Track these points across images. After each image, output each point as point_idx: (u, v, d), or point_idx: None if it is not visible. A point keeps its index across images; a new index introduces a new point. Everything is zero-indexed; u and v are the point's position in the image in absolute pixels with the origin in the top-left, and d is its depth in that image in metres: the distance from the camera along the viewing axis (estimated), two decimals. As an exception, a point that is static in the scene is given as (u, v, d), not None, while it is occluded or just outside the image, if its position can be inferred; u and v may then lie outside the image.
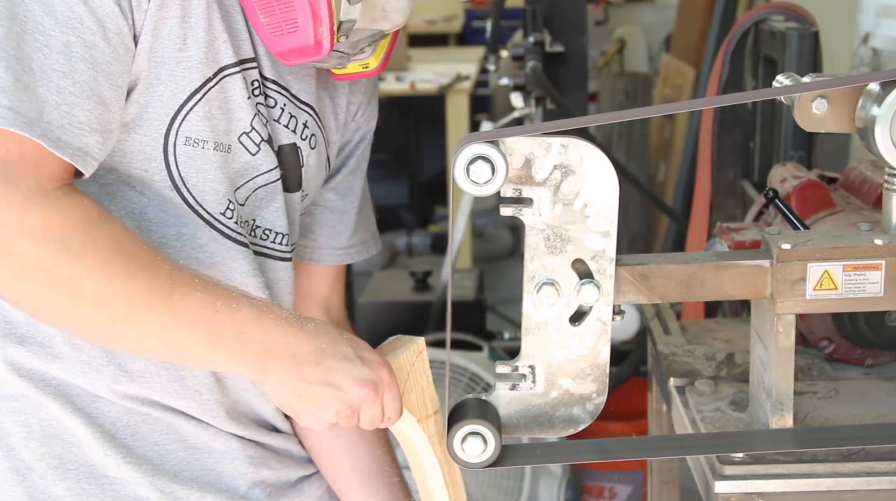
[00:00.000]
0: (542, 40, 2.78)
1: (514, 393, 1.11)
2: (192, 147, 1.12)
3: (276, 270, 1.24)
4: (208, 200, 1.15)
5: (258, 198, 1.20)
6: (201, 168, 1.14)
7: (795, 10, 2.01)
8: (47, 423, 1.15)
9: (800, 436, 1.16)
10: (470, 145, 1.00)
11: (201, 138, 1.13)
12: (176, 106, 1.11)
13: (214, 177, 1.15)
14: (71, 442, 1.16)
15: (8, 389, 1.15)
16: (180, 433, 1.19)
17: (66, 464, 1.16)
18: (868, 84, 1.11)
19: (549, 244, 1.07)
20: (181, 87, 1.10)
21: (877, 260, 1.11)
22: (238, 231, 1.18)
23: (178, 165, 1.13)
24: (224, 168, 1.15)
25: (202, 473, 1.20)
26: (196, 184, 1.14)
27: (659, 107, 1.11)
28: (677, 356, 1.43)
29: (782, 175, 1.56)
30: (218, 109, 1.14)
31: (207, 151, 1.13)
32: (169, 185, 1.13)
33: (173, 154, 1.12)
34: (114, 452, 1.16)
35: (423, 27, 6.59)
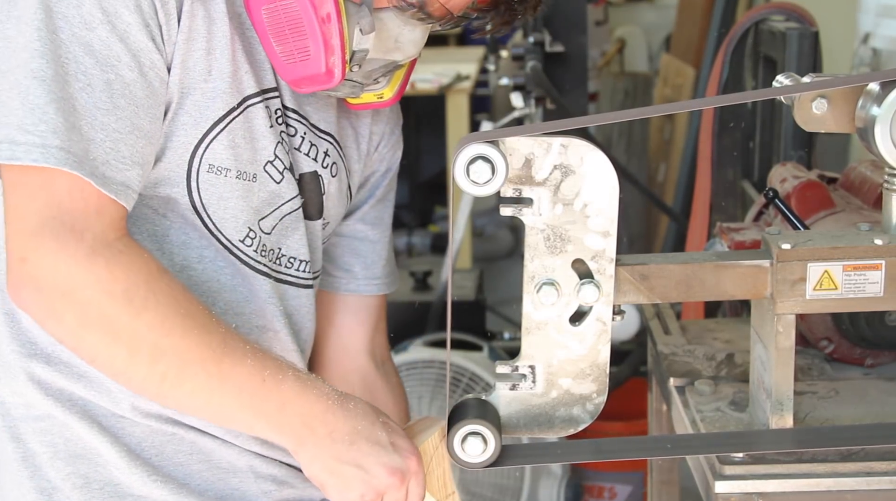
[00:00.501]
0: (542, 40, 2.78)
1: (514, 393, 1.11)
2: (214, 174, 1.14)
3: (298, 298, 1.26)
4: (228, 227, 1.17)
5: (284, 227, 1.22)
6: (223, 195, 1.15)
7: (795, 10, 2.01)
8: (73, 443, 1.16)
9: (800, 436, 1.16)
10: (470, 145, 1.00)
11: (224, 166, 1.14)
12: (200, 134, 1.13)
13: (236, 205, 1.16)
14: (96, 462, 1.16)
15: (34, 410, 1.16)
16: (204, 452, 1.19)
17: (92, 484, 1.16)
18: (868, 84, 1.11)
19: (549, 244, 1.07)
20: (206, 117, 1.12)
21: (877, 260, 1.11)
22: (257, 259, 1.19)
23: (201, 191, 1.14)
24: (246, 197, 1.17)
25: (227, 492, 1.20)
26: (217, 211, 1.16)
27: (659, 107, 1.11)
28: (677, 356, 1.43)
29: (782, 175, 1.56)
30: (242, 139, 1.15)
31: (230, 180, 1.15)
32: (191, 209, 1.14)
33: (196, 180, 1.14)
34: (139, 471, 1.16)
35: (423, 27, 6.58)
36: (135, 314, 1.02)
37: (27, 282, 1.02)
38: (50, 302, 1.02)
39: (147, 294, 1.03)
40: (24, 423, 1.16)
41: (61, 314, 1.02)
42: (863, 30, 2.75)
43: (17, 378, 1.15)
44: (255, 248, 1.19)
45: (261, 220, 1.19)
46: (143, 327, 1.03)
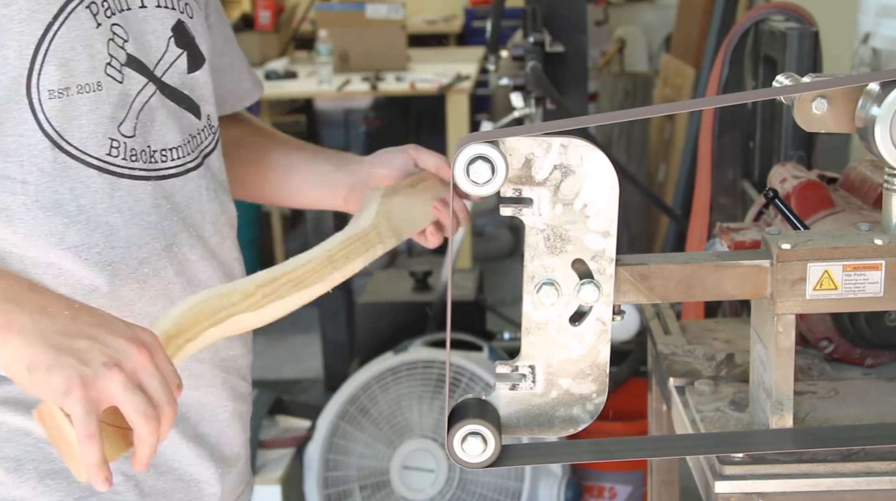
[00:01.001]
0: (542, 40, 2.78)
1: (514, 393, 1.11)
2: (58, 99, 1.08)
3: (186, 187, 1.20)
4: (90, 146, 1.11)
5: (142, 124, 1.16)
6: (72, 115, 1.10)
7: (795, 10, 2.01)
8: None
9: (800, 436, 1.16)
10: (470, 145, 1.00)
11: (63, 86, 1.08)
12: (26, 65, 1.06)
13: (92, 120, 1.11)
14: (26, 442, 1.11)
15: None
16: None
17: (25, 465, 1.12)
18: (868, 84, 1.11)
19: (549, 244, 1.07)
20: (24, 43, 1.06)
21: (877, 260, 1.11)
22: (129, 166, 1.14)
23: (51, 121, 1.08)
24: (96, 108, 1.11)
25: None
26: (75, 134, 1.10)
27: (659, 107, 1.11)
28: (677, 356, 1.43)
29: (782, 175, 1.55)
30: (72, 51, 1.09)
31: (75, 97, 1.09)
32: (49, 146, 1.09)
33: (42, 112, 1.07)
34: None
35: (423, 27, 6.59)
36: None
37: None
38: None
39: None
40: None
41: None
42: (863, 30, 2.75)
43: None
44: (123, 156, 1.14)
45: (119, 126, 1.13)
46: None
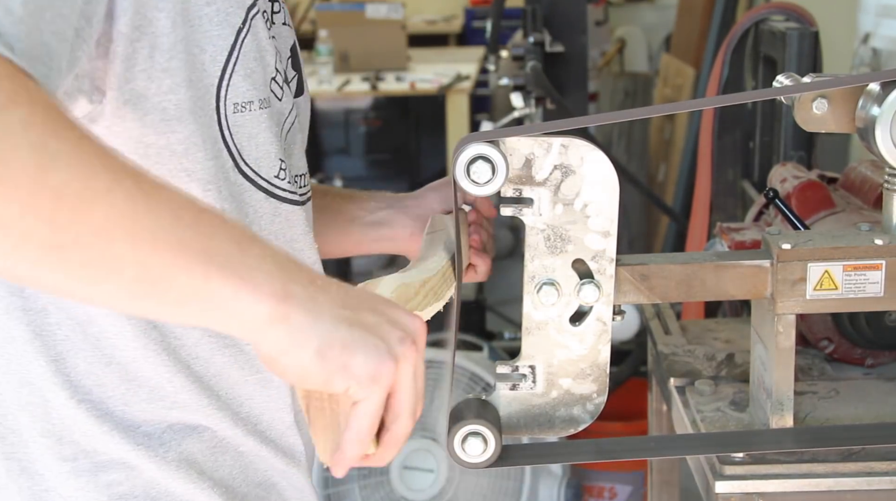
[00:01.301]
0: (542, 40, 2.78)
1: (515, 393, 1.11)
2: (240, 113, 0.97)
3: (309, 215, 1.10)
4: (263, 167, 1.00)
5: (288, 146, 1.07)
6: (252, 134, 0.98)
7: (795, 10, 2.01)
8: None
9: (800, 436, 1.16)
10: (470, 145, 1.00)
11: (246, 100, 0.97)
12: (218, 72, 0.94)
13: (266, 138, 1.00)
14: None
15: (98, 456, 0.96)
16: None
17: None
18: (868, 84, 1.11)
19: (549, 244, 1.07)
20: (219, 48, 0.94)
21: (877, 260, 1.11)
22: (290, 190, 1.04)
23: (234, 138, 0.96)
24: (269, 126, 1.00)
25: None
26: (251, 152, 0.98)
27: (659, 107, 1.11)
28: (677, 356, 1.43)
29: (782, 175, 1.56)
30: (254, 61, 0.98)
31: (253, 113, 0.98)
32: (232, 166, 0.97)
33: (227, 127, 0.96)
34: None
35: (423, 27, 6.60)
36: (6, 119, 0.66)
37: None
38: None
39: (15, 87, 0.68)
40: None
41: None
42: (863, 30, 2.75)
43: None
44: (287, 180, 1.03)
45: (284, 147, 1.04)
46: (16, 122, 0.66)
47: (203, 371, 0.99)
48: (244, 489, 1.04)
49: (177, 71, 0.90)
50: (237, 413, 1.02)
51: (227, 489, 1.02)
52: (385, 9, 5.01)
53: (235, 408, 1.02)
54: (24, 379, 0.96)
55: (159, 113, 0.90)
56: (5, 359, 0.96)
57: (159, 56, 0.89)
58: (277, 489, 1.07)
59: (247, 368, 1.02)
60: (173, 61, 0.90)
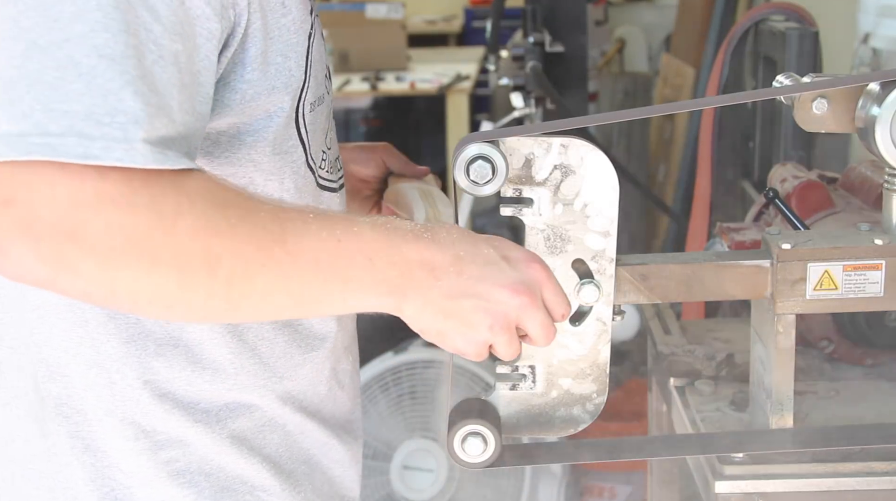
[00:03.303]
0: (542, 40, 2.78)
1: (514, 393, 1.11)
2: (312, 112, 1.04)
3: (343, 200, 1.17)
4: (317, 159, 1.07)
5: (333, 133, 1.14)
6: (315, 129, 1.05)
7: (795, 10, 2.01)
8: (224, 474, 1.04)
9: (800, 436, 1.16)
10: (470, 145, 1.00)
11: (315, 98, 1.04)
12: (302, 76, 1.00)
13: (319, 132, 1.07)
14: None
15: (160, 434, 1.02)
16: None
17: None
18: (868, 84, 1.11)
19: (549, 244, 1.07)
20: (299, 54, 1.00)
21: (877, 260, 1.11)
22: (329, 178, 1.11)
23: (308, 135, 1.04)
24: (321, 120, 1.07)
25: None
26: (314, 147, 1.06)
27: (659, 107, 1.11)
28: (677, 356, 1.43)
29: (782, 175, 1.56)
30: (318, 62, 1.04)
31: (317, 110, 1.05)
32: (304, 162, 1.04)
33: (304, 126, 1.03)
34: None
35: (423, 27, 6.59)
36: (170, 224, 0.82)
37: (17, 233, 0.79)
38: (56, 251, 0.80)
39: (178, 196, 0.83)
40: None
41: (73, 261, 0.80)
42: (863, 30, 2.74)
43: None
44: (328, 169, 1.10)
45: (326, 138, 1.10)
46: (185, 236, 0.83)
47: (269, 351, 1.06)
48: (290, 465, 1.10)
49: (256, 82, 0.96)
50: (289, 392, 1.08)
51: (275, 465, 1.08)
52: (385, 9, 5.01)
53: (289, 388, 1.08)
54: (94, 360, 1.00)
55: (237, 117, 0.97)
56: (76, 342, 1.00)
57: (241, 70, 0.95)
58: (321, 466, 1.14)
59: (303, 346, 1.09)
60: (254, 73, 0.96)
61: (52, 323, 1.00)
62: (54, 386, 1.01)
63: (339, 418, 1.16)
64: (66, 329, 1.00)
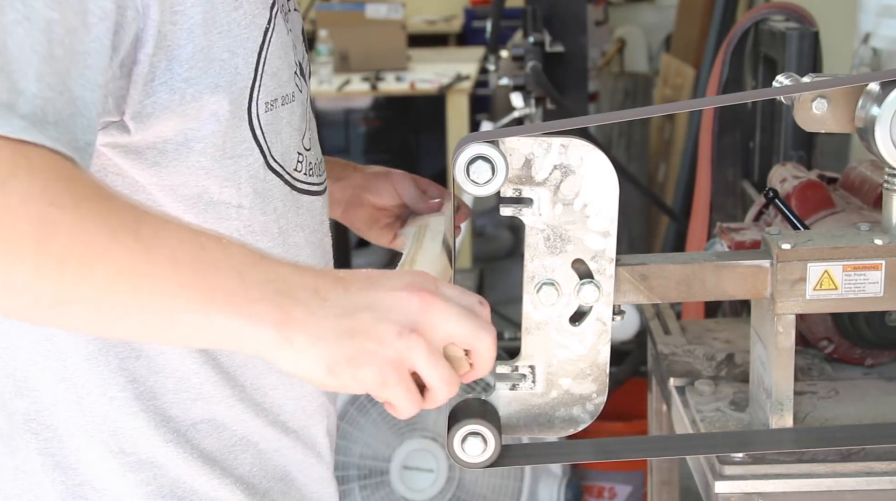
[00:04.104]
0: (542, 40, 2.78)
1: (514, 392, 1.11)
2: (270, 112, 0.98)
3: (326, 202, 1.13)
4: (288, 162, 1.02)
5: (310, 135, 1.09)
6: (279, 130, 1.00)
7: (795, 10, 2.01)
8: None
9: (800, 436, 1.16)
10: (470, 145, 1.00)
11: (273, 97, 0.98)
12: (251, 74, 0.95)
13: (289, 133, 1.02)
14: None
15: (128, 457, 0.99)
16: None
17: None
18: (868, 84, 1.11)
19: (549, 244, 1.07)
20: (249, 50, 0.95)
21: (877, 260, 1.11)
22: (308, 181, 1.06)
23: (265, 136, 0.98)
24: (291, 121, 1.02)
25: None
26: (278, 148, 1.00)
27: (659, 107, 1.11)
28: (677, 356, 1.43)
29: (782, 175, 1.55)
30: (278, 59, 0.99)
31: (279, 109, 0.99)
32: (262, 164, 0.98)
33: (259, 127, 0.97)
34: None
35: (423, 27, 6.60)
36: (6, 195, 0.72)
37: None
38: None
39: (14, 160, 0.73)
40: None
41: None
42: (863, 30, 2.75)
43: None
44: (305, 171, 1.05)
45: (302, 139, 1.05)
46: (15, 198, 0.72)
47: (228, 362, 1.02)
48: (265, 484, 1.06)
49: (198, 80, 0.91)
50: (259, 403, 1.04)
51: (248, 485, 1.04)
52: (385, 9, 5.01)
53: (258, 399, 1.04)
54: (61, 375, 0.97)
55: (180, 120, 0.92)
56: (43, 355, 0.97)
57: (178, 67, 0.90)
58: (297, 484, 1.10)
59: None
60: (193, 70, 0.91)
61: (17, 336, 0.97)
62: (22, 402, 0.98)
63: (316, 433, 1.13)
64: (32, 341, 0.97)
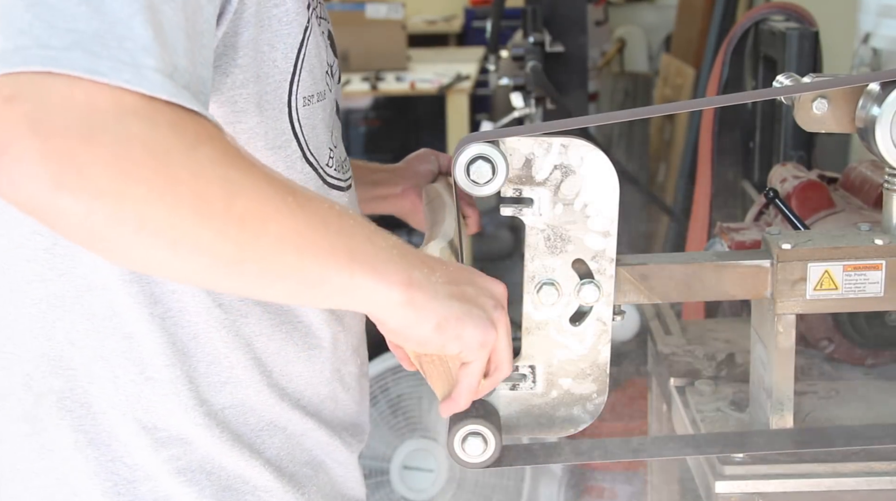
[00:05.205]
0: (542, 40, 2.78)
1: (514, 393, 1.11)
2: (307, 107, 1.03)
3: (353, 198, 1.16)
4: (322, 156, 1.07)
5: (338, 131, 1.14)
6: (314, 125, 1.05)
7: (795, 10, 2.01)
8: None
9: (800, 436, 1.16)
10: (470, 145, 1.00)
11: (310, 93, 1.03)
12: (290, 68, 1.00)
13: (322, 129, 1.07)
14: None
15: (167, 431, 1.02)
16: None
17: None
18: (868, 84, 1.11)
19: (549, 244, 1.07)
20: (290, 46, 1.00)
21: (877, 260, 1.11)
22: (337, 177, 1.11)
23: (303, 130, 1.03)
24: (324, 117, 1.07)
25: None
26: (313, 143, 1.05)
27: (659, 107, 1.11)
28: (677, 356, 1.43)
29: (782, 175, 1.55)
30: (315, 58, 1.04)
31: (314, 105, 1.05)
32: (300, 156, 1.04)
33: (298, 120, 1.02)
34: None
35: (423, 27, 6.59)
36: (190, 147, 0.76)
37: (24, 128, 0.72)
38: (66, 150, 0.72)
39: (197, 128, 0.78)
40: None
41: (83, 164, 0.72)
42: (863, 30, 2.75)
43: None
44: (335, 167, 1.10)
45: (332, 136, 1.10)
46: (206, 160, 0.77)
47: (263, 347, 1.05)
48: (293, 468, 1.09)
49: (247, 67, 0.97)
50: (284, 389, 1.08)
51: (277, 468, 1.08)
52: (385, 9, 5.01)
53: (284, 384, 1.07)
54: (98, 353, 1.00)
55: (230, 105, 0.97)
56: (82, 334, 1.00)
57: (233, 53, 0.95)
58: (324, 467, 1.13)
59: (300, 344, 1.08)
60: (245, 58, 0.96)
61: (56, 317, 1.00)
62: (56, 381, 1.01)
63: (343, 420, 1.16)
64: (72, 320, 1.00)
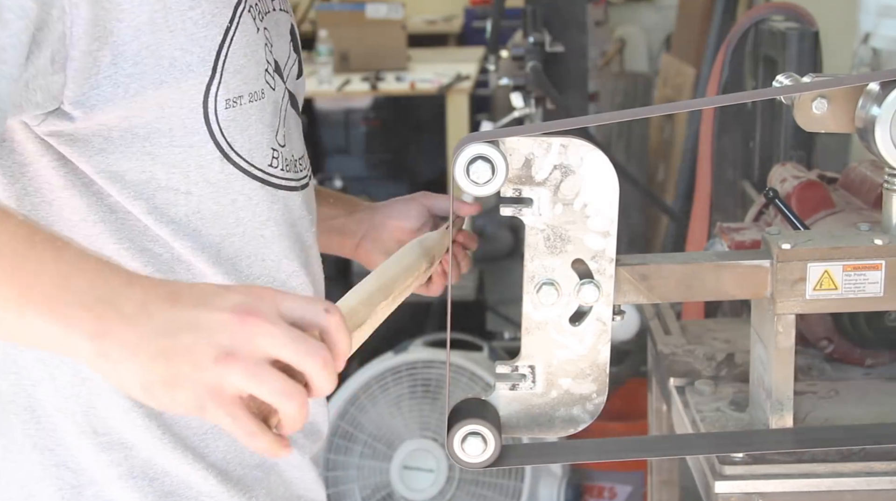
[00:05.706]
0: (542, 40, 2.77)
1: (514, 393, 1.11)
2: (233, 108, 1.02)
3: (309, 197, 1.17)
4: (256, 157, 1.06)
5: (287, 132, 1.13)
6: (246, 125, 1.04)
7: (795, 10, 2.01)
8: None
9: (800, 436, 1.16)
10: (470, 145, 1.00)
11: (238, 94, 1.02)
12: (208, 71, 0.99)
13: (259, 129, 1.06)
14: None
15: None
16: None
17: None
18: (868, 84, 1.11)
19: (549, 244, 1.07)
20: (207, 49, 0.99)
21: (877, 260, 1.11)
22: (285, 177, 1.11)
23: (224, 132, 1.02)
24: (262, 116, 1.07)
25: None
26: (243, 143, 1.04)
27: (659, 107, 1.11)
28: (677, 356, 1.43)
29: (782, 175, 1.55)
30: (244, 57, 1.03)
31: (245, 106, 1.04)
32: (219, 157, 1.03)
33: (216, 122, 1.01)
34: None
35: (423, 27, 6.59)
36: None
37: None
38: None
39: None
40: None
41: None
42: (863, 30, 2.75)
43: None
44: (282, 167, 1.10)
45: (276, 135, 1.09)
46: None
47: None
48: (240, 471, 1.08)
49: (143, 75, 0.95)
50: None
51: (221, 472, 1.06)
52: (385, 9, 5.01)
53: None
54: (38, 355, 1.01)
55: (124, 111, 0.96)
56: None
57: (123, 63, 0.94)
58: (276, 469, 1.12)
59: None
60: (139, 66, 0.95)
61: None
62: (4, 382, 1.02)
63: (313, 433, 1.15)
64: None
